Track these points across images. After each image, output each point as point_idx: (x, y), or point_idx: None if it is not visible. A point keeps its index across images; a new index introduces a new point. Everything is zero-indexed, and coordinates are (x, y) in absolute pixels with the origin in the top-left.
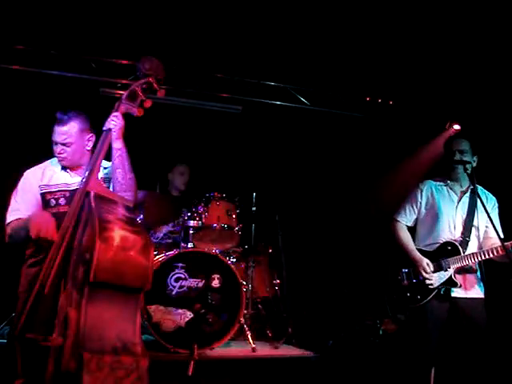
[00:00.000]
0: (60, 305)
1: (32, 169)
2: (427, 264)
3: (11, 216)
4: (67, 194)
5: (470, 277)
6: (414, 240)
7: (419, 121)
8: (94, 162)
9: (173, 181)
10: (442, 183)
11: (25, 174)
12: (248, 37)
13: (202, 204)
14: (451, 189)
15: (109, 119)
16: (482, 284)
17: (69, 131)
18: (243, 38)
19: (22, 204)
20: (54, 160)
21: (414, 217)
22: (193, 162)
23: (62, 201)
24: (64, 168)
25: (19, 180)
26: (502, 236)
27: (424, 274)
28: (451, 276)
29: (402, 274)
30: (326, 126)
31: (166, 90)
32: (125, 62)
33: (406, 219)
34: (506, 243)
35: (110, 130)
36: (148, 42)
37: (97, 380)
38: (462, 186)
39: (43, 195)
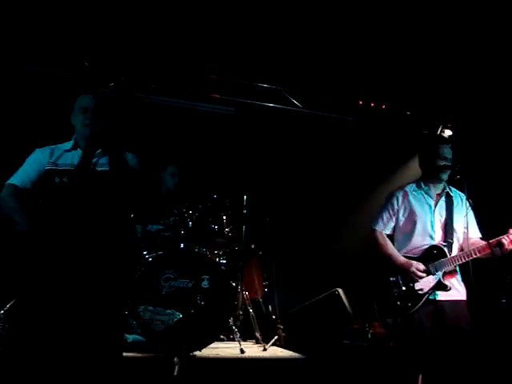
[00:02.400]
0: None
1: (42, 148)
2: (416, 265)
3: (11, 179)
4: (72, 174)
5: (453, 279)
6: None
7: (411, 125)
8: None
9: (163, 180)
10: (416, 188)
11: (36, 149)
12: (241, 38)
13: (194, 204)
14: (426, 193)
15: None
16: (463, 285)
17: (98, 100)
18: (237, 40)
19: (25, 173)
20: (64, 144)
21: (392, 224)
22: (184, 162)
23: (66, 179)
24: (75, 146)
25: None
26: (478, 235)
27: (419, 274)
28: (440, 279)
29: (391, 283)
30: (319, 129)
31: (159, 89)
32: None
33: (383, 227)
34: (491, 241)
35: None
36: (141, 41)
37: None
38: (437, 190)
39: (49, 172)
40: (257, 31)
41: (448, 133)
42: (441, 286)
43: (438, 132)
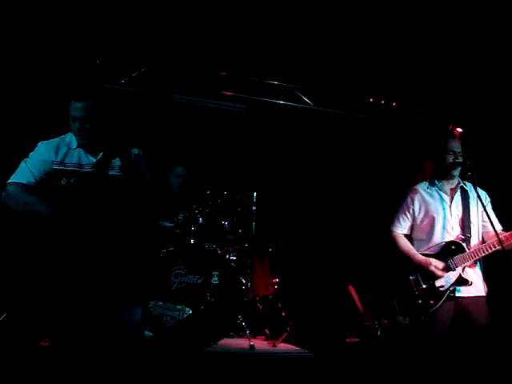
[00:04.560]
0: None
1: (46, 142)
2: (435, 262)
3: (15, 177)
4: (79, 175)
5: (473, 275)
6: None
7: (422, 123)
8: None
9: (169, 180)
10: (430, 186)
11: (39, 144)
12: (252, 36)
13: (203, 201)
14: (441, 189)
15: None
16: (483, 281)
17: (89, 106)
18: (247, 37)
19: (30, 170)
20: (68, 136)
21: (409, 224)
22: (195, 159)
23: (73, 181)
24: (80, 146)
25: None
26: (500, 227)
27: (437, 272)
28: (460, 274)
29: (411, 282)
30: (329, 127)
31: (170, 87)
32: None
33: (401, 228)
34: (506, 234)
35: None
36: (152, 39)
37: None
38: (451, 184)
39: (56, 172)
40: (267, 29)
41: (459, 130)
42: (462, 280)
43: (449, 129)
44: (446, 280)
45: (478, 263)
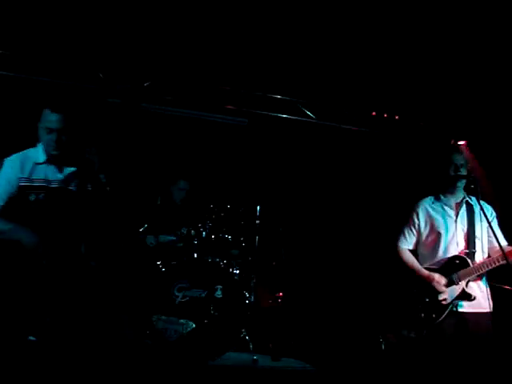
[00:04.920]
0: None
1: (10, 158)
2: (438, 278)
3: None
4: (48, 191)
5: (477, 290)
6: (418, 261)
7: (425, 136)
8: None
9: (172, 193)
10: (435, 200)
11: (5, 161)
12: (255, 50)
13: (207, 215)
14: (446, 204)
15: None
16: (488, 296)
17: (66, 119)
18: (250, 51)
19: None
20: (32, 150)
21: (415, 239)
22: (198, 172)
23: (42, 197)
24: (47, 161)
25: None
26: (505, 243)
27: (440, 287)
28: (464, 289)
29: (414, 295)
30: (332, 140)
31: (173, 100)
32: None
33: (407, 243)
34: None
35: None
36: (155, 53)
37: None
38: (456, 199)
39: (23, 188)
40: (270, 43)
41: (461, 143)
42: (465, 295)
43: (451, 143)
44: (449, 294)
45: (484, 278)
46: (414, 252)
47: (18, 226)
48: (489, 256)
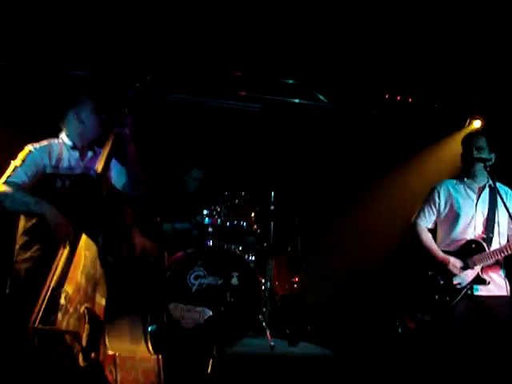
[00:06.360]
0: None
1: (37, 144)
2: (454, 261)
3: (9, 177)
4: (72, 178)
5: (494, 274)
6: (435, 241)
7: (439, 118)
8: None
9: (186, 182)
10: (458, 182)
11: (30, 147)
12: (266, 35)
13: (221, 202)
14: (469, 187)
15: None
16: (506, 281)
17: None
18: (261, 36)
19: (24, 172)
20: (56, 140)
21: (434, 218)
22: (211, 160)
23: (67, 184)
24: (71, 148)
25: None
26: None
27: (455, 271)
28: (478, 274)
29: (429, 277)
30: (345, 124)
31: (184, 87)
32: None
33: (425, 221)
34: None
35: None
36: (166, 40)
37: None
38: (479, 183)
39: (50, 176)
40: (281, 28)
41: (477, 124)
42: (479, 280)
43: (467, 124)
44: (463, 278)
45: (501, 264)
46: (432, 232)
47: (43, 201)
48: (508, 242)
